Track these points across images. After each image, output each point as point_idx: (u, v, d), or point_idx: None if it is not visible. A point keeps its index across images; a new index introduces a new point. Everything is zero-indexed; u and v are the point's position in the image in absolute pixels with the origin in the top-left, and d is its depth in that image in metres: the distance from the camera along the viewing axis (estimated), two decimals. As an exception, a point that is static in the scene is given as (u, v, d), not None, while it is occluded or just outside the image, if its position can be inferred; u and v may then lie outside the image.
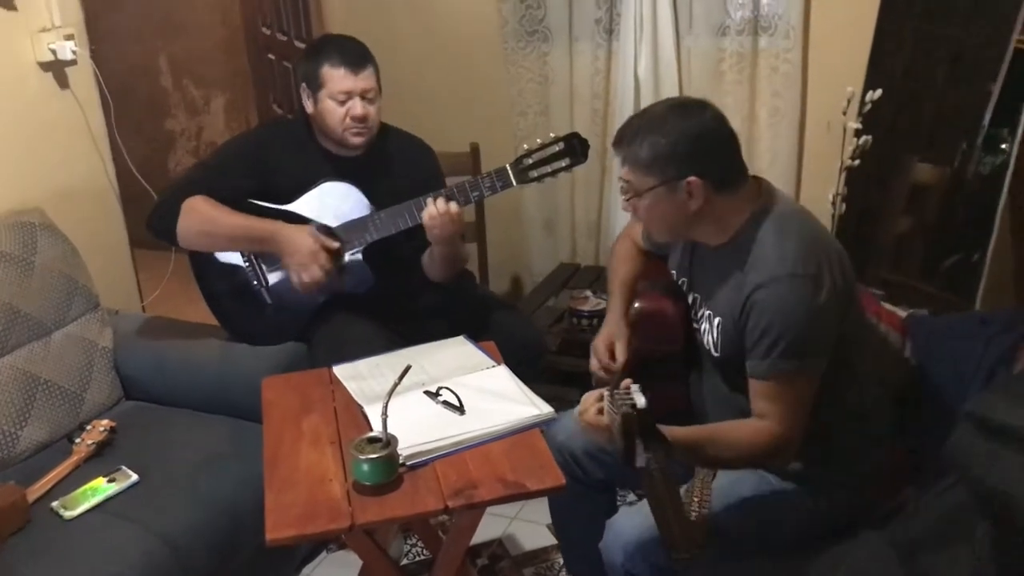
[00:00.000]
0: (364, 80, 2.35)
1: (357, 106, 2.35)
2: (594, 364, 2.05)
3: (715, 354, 1.85)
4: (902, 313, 2.24)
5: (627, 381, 1.60)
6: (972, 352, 1.93)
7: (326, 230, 2.37)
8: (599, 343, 2.06)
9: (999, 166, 2.42)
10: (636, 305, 1.98)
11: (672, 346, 1.97)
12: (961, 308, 2.46)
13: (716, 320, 1.82)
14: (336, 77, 2.34)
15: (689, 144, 1.72)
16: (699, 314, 1.90)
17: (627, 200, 1.81)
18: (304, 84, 2.42)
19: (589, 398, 1.70)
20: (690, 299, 1.95)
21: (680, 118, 1.75)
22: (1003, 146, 2.43)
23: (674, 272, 2.02)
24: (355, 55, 2.36)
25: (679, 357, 1.99)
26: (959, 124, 2.56)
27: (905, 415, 1.98)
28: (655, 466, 1.48)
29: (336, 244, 2.35)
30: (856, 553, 1.74)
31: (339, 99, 2.35)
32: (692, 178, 1.72)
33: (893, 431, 1.95)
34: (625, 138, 1.78)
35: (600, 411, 1.65)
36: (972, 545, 1.39)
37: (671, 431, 1.64)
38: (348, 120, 2.36)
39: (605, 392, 1.62)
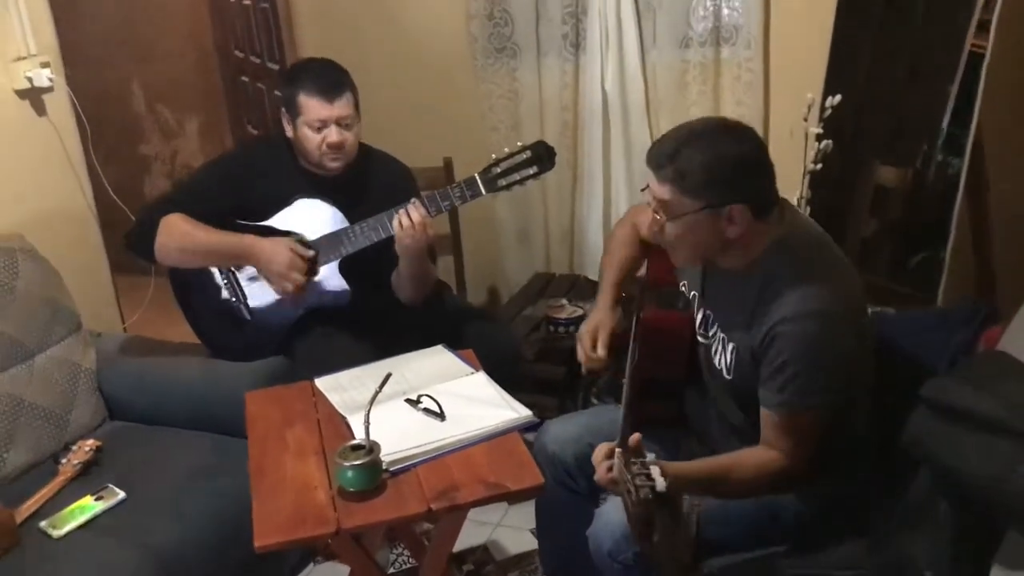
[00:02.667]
0: (339, 108, 2.39)
1: (333, 134, 2.39)
2: (580, 354, 2.04)
3: (727, 377, 1.85)
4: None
5: (636, 438, 1.52)
6: (934, 345, 1.99)
7: (302, 241, 2.41)
8: (584, 333, 2.04)
9: (960, 166, 2.48)
10: (642, 318, 1.92)
11: (675, 369, 1.96)
12: (927, 305, 2.52)
13: (731, 346, 1.82)
14: (312, 106, 2.38)
15: (739, 170, 1.67)
16: (710, 334, 1.89)
17: (658, 217, 1.74)
18: (283, 108, 2.47)
19: (599, 453, 1.63)
20: (700, 314, 1.93)
21: (731, 141, 1.69)
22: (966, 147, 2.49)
23: (684, 283, 2.00)
24: (331, 83, 2.39)
25: (679, 379, 1.99)
26: (919, 126, 2.63)
27: (872, 409, 2.03)
28: (665, 537, 1.43)
29: (311, 252, 2.40)
30: (828, 541, 1.79)
31: (315, 127, 2.39)
32: (738, 205, 1.67)
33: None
34: (664, 155, 1.69)
35: (610, 468, 1.59)
36: (933, 526, 1.45)
37: (681, 471, 1.63)
38: (324, 147, 2.41)
39: (617, 451, 1.55)
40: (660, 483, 1.41)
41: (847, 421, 1.82)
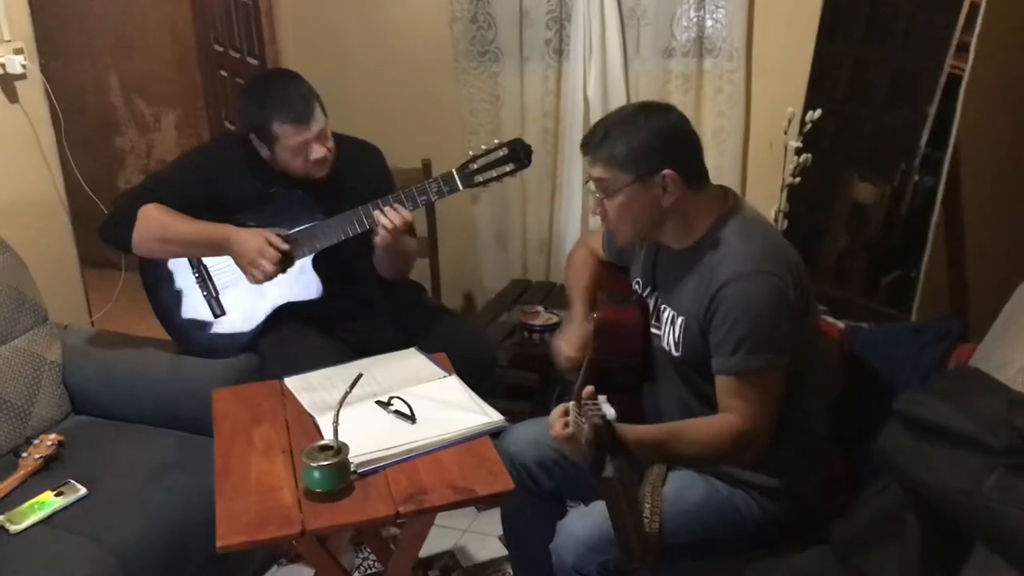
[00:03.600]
0: (316, 125, 2.36)
1: (316, 151, 2.37)
2: (559, 360, 2.10)
3: (675, 354, 1.89)
4: (840, 324, 2.31)
5: (590, 389, 1.62)
6: (906, 360, 2.00)
7: (278, 233, 2.39)
8: (560, 343, 2.10)
9: (936, 186, 2.49)
10: (595, 315, 2.01)
11: (630, 359, 2.00)
12: (899, 321, 2.53)
13: (679, 320, 1.87)
14: (289, 133, 2.34)
15: (662, 139, 1.80)
16: (661, 316, 1.93)
17: (600, 199, 1.86)
18: (253, 135, 2.42)
19: (555, 413, 1.74)
20: (651, 302, 1.98)
21: (649, 117, 1.82)
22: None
23: (637, 280, 2.05)
24: (302, 105, 2.34)
25: (635, 369, 2.02)
26: (898, 145, 2.64)
27: (842, 422, 2.04)
28: (618, 476, 1.51)
29: (286, 245, 2.37)
30: (795, 554, 1.79)
31: (296, 151, 2.37)
32: (667, 171, 1.78)
33: (833, 438, 2.02)
34: (595, 139, 1.83)
35: (566, 424, 1.67)
36: (902, 540, 1.45)
37: (636, 431, 1.69)
38: (310, 164, 2.39)
39: (571, 405, 1.65)
40: (610, 412, 1.53)
41: (798, 398, 1.84)
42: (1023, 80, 2.75)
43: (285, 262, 2.37)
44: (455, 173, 2.33)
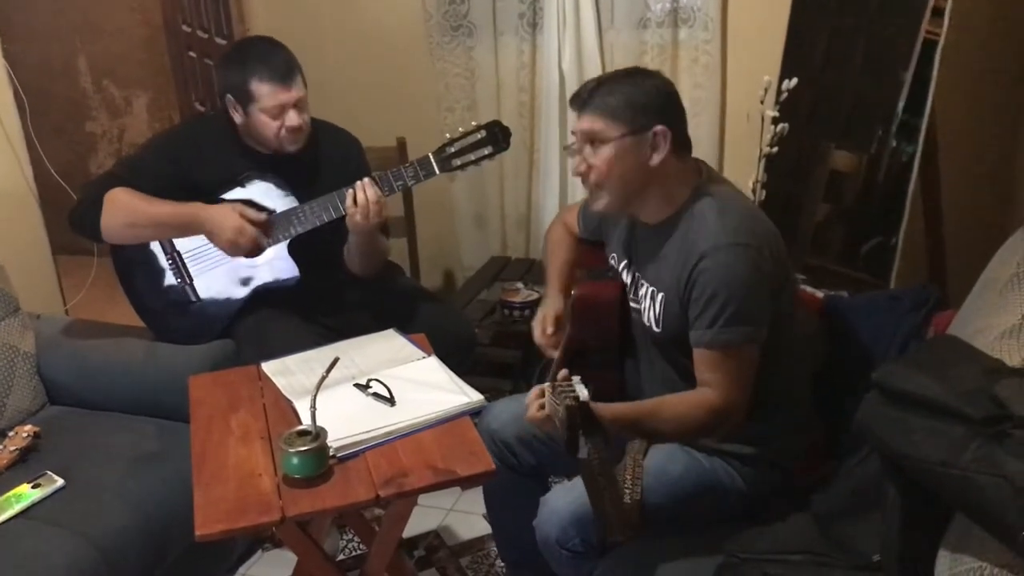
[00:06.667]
0: (296, 91, 2.32)
1: (292, 118, 2.33)
2: (536, 337, 2.09)
3: (656, 330, 1.88)
4: (819, 294, 2.31)
5: (564, 372, 1.63)
6: (885, 329, 2.00)
7: (250, 204, 2.35)
8: (536, 323, 2.10)
9: (914, 152, 2.49)
10: (573, 293, 2.00)
11: (608, 335, 1.99)
12: (878, 290, 2.53)
13: (659, 296, 1.86)
14: (267, 93, 2.30)
15: (660, 96, 1.81)
16: (640, 292, 1.93)
17: (583, 156, 1.83)
18: (230, 95, 2.37)
19: (531, 395, 1.74)
20: (629, 279, 1.97)
21: (645, 76, 1.85)
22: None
23: (614, 255, 2.04)
24: (283, 67, 2.31)
25: (614, 346, 2.01)
26: (874, 112, 2.63)
27: (823, 392, 2.04)
28: (595, 455, 1.51)
29: (263, 216, 2.34)
30: (778, 525, 1.79)
31: (273, 113, 2.32)
32: (660, 127, 1.77)
33: (813, 410, 2.02)
34: (586, 91, 1.83)
35: (542, 406, 1.68)
36: (883, 511, 1.45)
37: (612, 409, 1.69)
38: (284, 132, 2.34)
39: (547, 386, 1.66)
40: (583, 392, 1.54)
41: (777, 370, 1.84)
42: (998, 43, 2.75)
43: (262, 237, 2.34)
44: (432, 157, 2.29)
